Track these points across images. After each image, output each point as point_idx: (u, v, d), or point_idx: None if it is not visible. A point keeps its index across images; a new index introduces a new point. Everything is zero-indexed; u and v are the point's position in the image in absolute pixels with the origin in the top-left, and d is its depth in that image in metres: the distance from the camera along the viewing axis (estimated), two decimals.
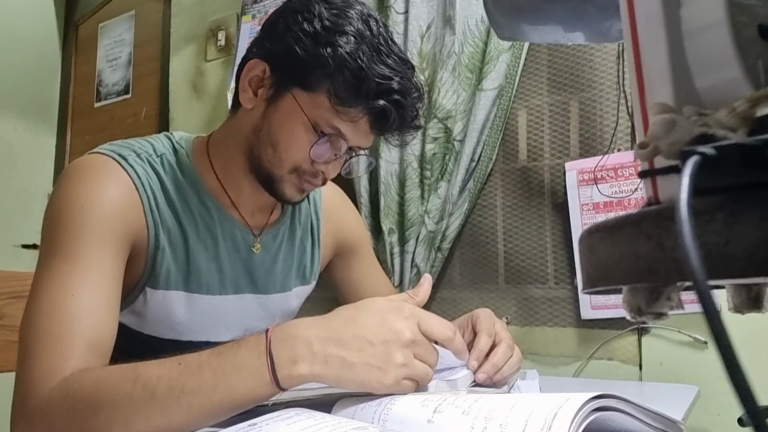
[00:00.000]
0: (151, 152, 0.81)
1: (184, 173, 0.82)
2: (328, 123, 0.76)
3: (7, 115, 2.51)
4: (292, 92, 0.77)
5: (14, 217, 2.51)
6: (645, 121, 0.31)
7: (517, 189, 1.46)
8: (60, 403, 0.60)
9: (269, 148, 0.79)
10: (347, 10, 0.77)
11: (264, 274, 0.90)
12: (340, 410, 0.58)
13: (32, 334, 0.66)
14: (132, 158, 0.78)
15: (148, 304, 0.79)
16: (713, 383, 1.03)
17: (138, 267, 0.78)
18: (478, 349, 0.74)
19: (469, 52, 1.42)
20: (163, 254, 0.79)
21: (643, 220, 0.27)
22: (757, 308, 0.32)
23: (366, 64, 0.73)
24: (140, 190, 0.77)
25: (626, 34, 0.32)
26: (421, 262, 1.45)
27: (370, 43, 0.75)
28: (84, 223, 0.71)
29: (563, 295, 1.36)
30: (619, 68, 1.33)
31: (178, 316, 0.81)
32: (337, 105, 0.74)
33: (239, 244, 0.87)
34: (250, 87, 0.80)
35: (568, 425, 0.42)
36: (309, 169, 0.79)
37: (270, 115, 0.79)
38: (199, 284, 0.82)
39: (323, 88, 0.74)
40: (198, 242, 0.82)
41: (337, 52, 0.73)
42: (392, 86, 0.74)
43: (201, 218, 0.83)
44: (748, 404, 0.21)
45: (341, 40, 0.73)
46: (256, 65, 0.79)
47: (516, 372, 0.77)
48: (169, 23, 2.25)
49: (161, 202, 0.79)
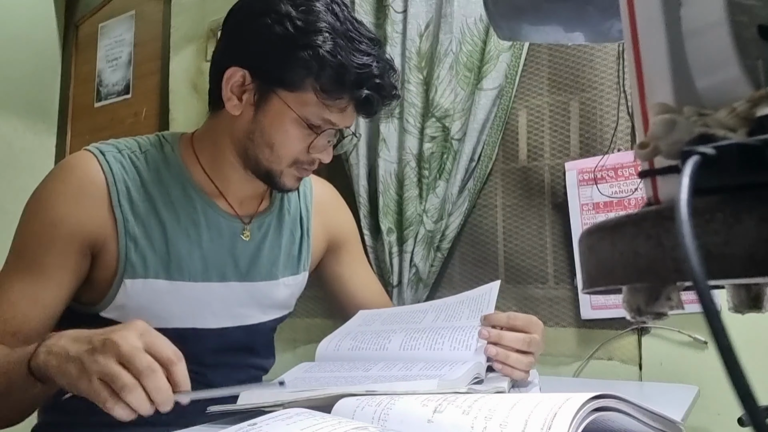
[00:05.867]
0: (135, 149, 0.86)
1: (169, 166, 0.86)
2: (319, 116, 0.80)
3: (7, 115, 2.51)
4: (277, 94, 0.80)
5: (14, 217, 2.50)
6: (645, 121, 0.31)
7: (517, 189, 1.46)
8: None
9: (266, 149, 0.82)
10: (314, 3, 0.78)
11: (249, 261, 0.91)
12: (340, 410, 0.58)
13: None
14: (111, 154, 0.84)
15: (130, 295, 0.82)
16: (713, 383, 1.02)
17: (110, 260, 0.82)
18: (490, 317, 0.80)
19: (467, 50, 1.42)
20: (137, 244, 0.82)
21: (643, 220, 0.27)
22: (757, 308, 0.32)
23: (345, 58, 0.77)
24: (110, 184, 0.82)
25: (626, 34, 0.32)
26: (420, 262, 1.45)
27: (343, 34, 0.78)
28: (39, 229, 0.82)
29: (563, 295, 1.36)
30: (619, 68, 1.33)
31: (161, 303, 0.83)
32: (324, 99, 0.79)
33: (224, 232, 0.89)
34: (234, 94, 0.82)
35: (567, 425, 0.42)
36: (306, 158, 0.84)
37: (260, 118, 0.82)
38: (181, 271, 0.84)
39: (307, 86, 0.78)
40: (178, 230, 0.85)
41: (317, 52, 0.76)
42: (372, 72, 0.79)
43: (183, 208, 0.86)
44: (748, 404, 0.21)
45: (317, 39, 0.76)
46: (234, 73, 0.81)
47: (523, 374, 0.78)
48: (169, 23, 2.25)
49: (135, 195, 0.83)
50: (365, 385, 0.69)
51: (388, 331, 0.88)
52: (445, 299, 0.96)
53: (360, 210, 1.50)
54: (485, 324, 0.81)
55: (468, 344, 0.79)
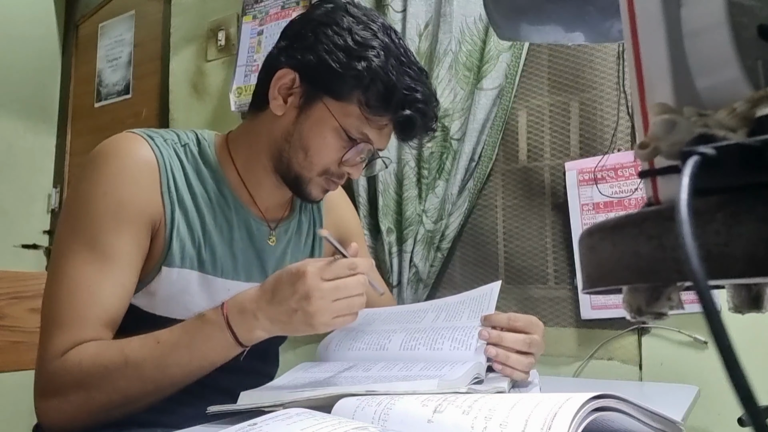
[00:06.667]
0: (176, 140, 0.87)
1: (207, 163, 0.88)
2: (358, 130, 0.83)
3: (7, 115, 2.51)
4: (323, 101, 0.82)
5: (14, 217, 2.51)
6: (645, 121, 0.31)
7: (517, 189, 1.46)
8: (68, 380, 0.73)
9: (300, 152, 0.84)
10: (371, 24, 0.83)
11: (275, 265, 0.93)
12: (340, 410, 0.58)
13: (48, 318, 0.77)
14: (159, 140, 0.84)
15: (163, 283, 0.82)
16: (713, 383, 1.02)
17: (157, 245, 0.82)
18: (491, 318, 0.81)
19: (466, 50, 1.42)
20: (179, 232, 0.82)
21: (643, 221, 0.27)
22: (757, 308, 0.32)
23: (395, 76, 0.80)
24: (161, 168, 0.82)
25: (626, 35, 0.32)
26: (419, 262, 1.45)
27: (395, 55, 0.82)
28: (105, 210, 0.78)
29: (563, 295, 1.36)
30: (619, 68, 1.33)
31: (190, 295, 0.83)
32: (368, 114, 0.82)
33: (253, 234, 0.91)
34: (280, 95, 0.85)
35: (567, 425, 0.42)
36: (336, 171, 0.86)
37: (302, 121, 0.84)
38: (214, 266, 0.86)
39: (354, 98, 0.81)
40: (214, 226, 0.86)
41: (371, 66, 0.79)
42: (417, 96, 0.82)
43: (218, 205, 0.87)
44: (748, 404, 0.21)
45: (372, 53, 0.80)
46: (285, 74, 0.84)
47: (523, 374, 0.78)
48: (169, 23, 2.25)
49: (180, 183, 0.84)
50: (365, 385, 0.69)
51: (388, 330, 0.88)
52: (445, 299, 0.96)
53: (360, 210, 1.50)
54: (486, 324, 0.81)
55: (468, 344, 0.79)
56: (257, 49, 1.87)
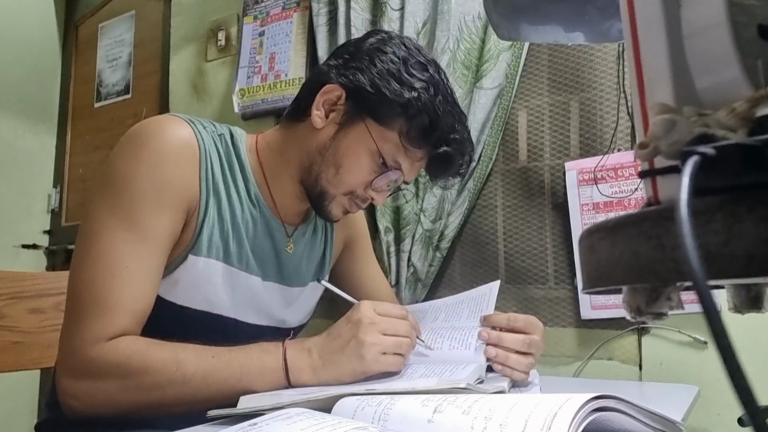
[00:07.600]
0: (213, 129, 0.86)
1: (239, 159, 0.87)
2: (393, 157, 0.83)
3: (7, 115, 2.51)
4: (365, 122, 0.83)
5: (14, 217, 2.51)
6: (645, 121, 0.31)
7: (517, 189, 1.46)
8: (110, 368, 0.72)
9: (332, 168, 0.84)
10: (424, 59, 0.85)
11: (292, 269, 0.94)
12: (340, 410, 0.58)
13: (85, 298, 0.74)
14: (199, 126, 0.83)
15: (188, 272, 0.81)
16: (713, 383, 1.02)
17: (188, 231, 0.81)
18: (490, 318, 0.82)
19: (465, 48, 1.42)
20: (210, 221, 0.82)
21: (643, 221, 0.27)
22: (757, 308, 0.32)
23: (441, 113, 0.81)
24: (201, 153, 0.81)
25: (626, 34, 0.32)
26: (417, 262, 1.45)
27: (443, 93, 0.83)
28: (148, 189, 0.76)
29: (563, 295, 1.36)
30: (619, 68, 1.33)
31: (213, 286, 0.83)
32: (406, 143, 0.82)
33: (274, 236, 0.91)
34: (323, 108, 0.85)
35: (567, 425, 0.42)
36: (362, 194, 0.86)
37: (339, 138, 0.84)
38: (239, 259, 0.85)
39: (396, 126, 0.82)
40: (242, 219, 0.86)
41: (419, 97, 0.80)
42: (456, 136, 0.84)
43: (246, 201, 0.87)
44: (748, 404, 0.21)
45: (422, 86, 0.81)
46: (333, 89, 0.84)
47: (523, 375, 0.78)
48: (169, 23, 2.25)
49: (216, 171, 0.83)
50: (365, 385, 0.69)
51: None
52: (444, 299, 0.96)
53: None
54: (485, 325, 0.81)
55: (468, 344, 0.79)
56: (259, 50, 1.86)
